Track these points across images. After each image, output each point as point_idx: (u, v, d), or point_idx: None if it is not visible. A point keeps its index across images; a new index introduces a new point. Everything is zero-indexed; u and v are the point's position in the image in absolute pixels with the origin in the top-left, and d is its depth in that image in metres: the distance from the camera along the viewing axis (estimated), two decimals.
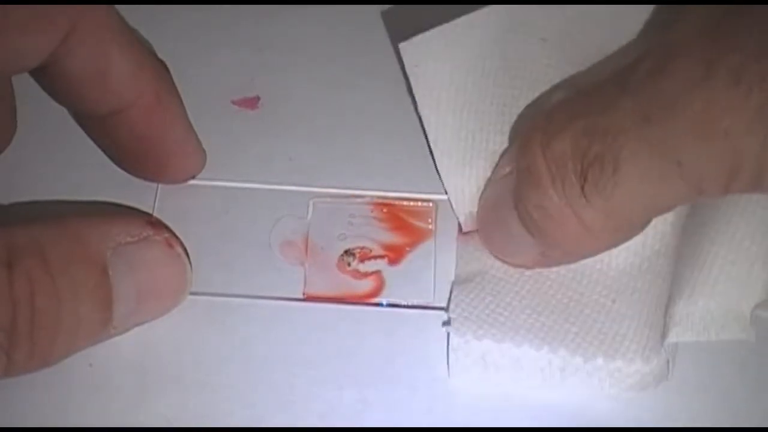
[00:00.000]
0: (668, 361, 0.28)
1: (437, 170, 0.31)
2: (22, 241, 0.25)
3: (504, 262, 0.30)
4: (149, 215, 0.31)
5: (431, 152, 0.31)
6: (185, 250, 0.29)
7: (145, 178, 0.31)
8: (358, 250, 0.30)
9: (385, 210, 0.31)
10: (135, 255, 0.27)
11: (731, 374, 0.29)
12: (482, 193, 0.30)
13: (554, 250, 0.27)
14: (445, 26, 0.31)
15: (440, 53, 0.31)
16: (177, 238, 0.29)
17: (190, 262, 0.29)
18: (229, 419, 0.28)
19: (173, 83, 0.30)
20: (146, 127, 0.29)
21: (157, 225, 0.28)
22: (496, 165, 0.30)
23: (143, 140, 0.29)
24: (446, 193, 0.31)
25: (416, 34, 0.31)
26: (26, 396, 0.28)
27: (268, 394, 0.29)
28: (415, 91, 0.31)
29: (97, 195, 0.31)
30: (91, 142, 0.32)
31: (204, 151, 0.31)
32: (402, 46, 0.31)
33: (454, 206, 0.31)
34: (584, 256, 0.28)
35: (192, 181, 0.31)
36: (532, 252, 0.28)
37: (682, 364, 0.29)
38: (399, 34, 0.34)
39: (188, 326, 0.29)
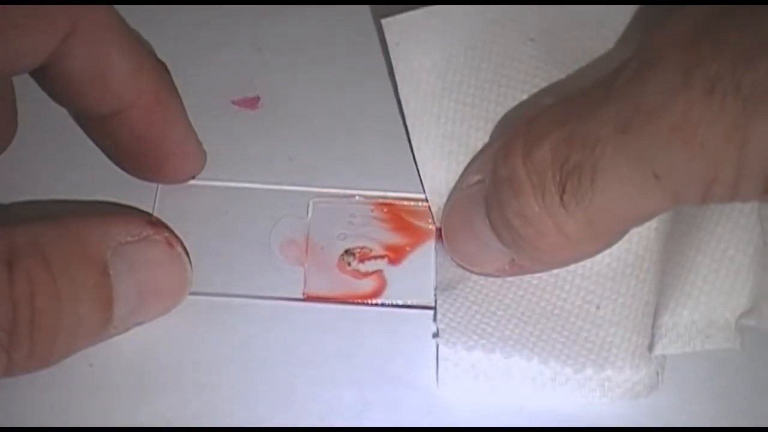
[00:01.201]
0: (658, 372, 0.28)
1: (413, 154, 0.31)
2: (23, 241, 0.25)
3: (469, 270, 0.29)
4: (149, 215, 0.31)
5: (407, 134, 0.31)
6: (185, 249, 0.29)
7: (145, 179, 0.31)
8: (358, 250, 0.30)
9: (385, 210, 0.31)
10: (135, 255, 0.27)
11: (730, 375, 0.29)
12: (448, 200, 0.30)
13: (527, 259, 0.27)
14: (432, 8, 0.31)
15: (424, 34, 0.31)
16: (177, 237, 0.29)
17: (190, 262, 0.29)
18: (229, 419, 0.28)
19: (173, 83, 0.30)
20: (146, 128, 0.29)
21: (158, 224, 0.28)
22: (463, 173, 0.30)
23: (143, 140, 0.29)
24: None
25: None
26: (26, 396, 0.28)
27: (268, 394, 0.29)
28: (395, 69, 0.31)
29: (97, 195, 0.31)
30: (91, 142, 0.32)
31: (204, 151, 0.31)
32: (384, 22, 0.30)
33: (427, 195, 0.31)
34: (560, 265, 0.28)
35: (192, 181, 0.31)
36: (500, 261, 0.28)
37: (681, 365, 0.29)
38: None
39: (188, 326, 0.29)
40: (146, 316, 0.28)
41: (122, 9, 0.28)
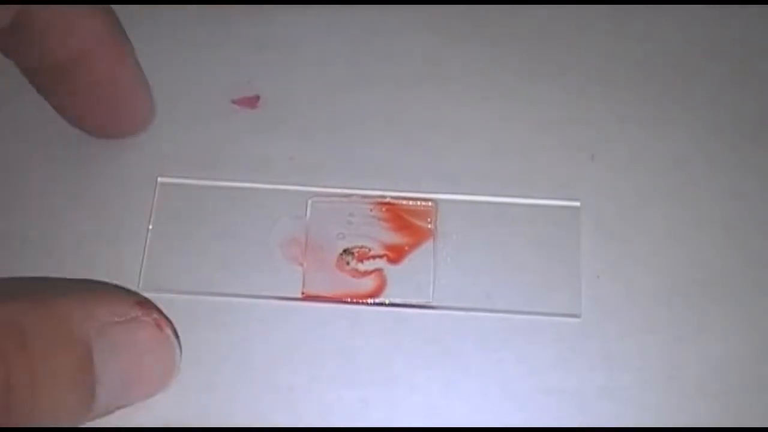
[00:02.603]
0: None
1: None
2: (0, 320, 0.23)
3: None
4: (137, 294, 0.29)
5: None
6: (175, 331, 0.27)
7: (99, 132, 0.31)
8: (357, 250, 0.31)
9: (384, 209, 0.31)
10: (121, 337, 0.25)
11: (730, 375, 0.29)
12: None
13: None
14: None
15: None
16: (167, 319, 0.27)
17: (179, 344, 0.28)
18: (229, 419, 0.28)
19: (121, 26, 0.29)
20: (103, 70, 0.29)
21: (146, 305, 0.27)
22: None
23: (100, 84, 0.29)
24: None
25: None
26: None
27: (268, 394, 0.29)
28: None
29: (94, 197, 0.31)
30: (89, 147, 0.31)
31: (153, 99, 0.31)
32: None
33: None
34: None
35: (191, 181, 0.31)
36: None
37: (681, 365, 0.29)
38: (399, 34, 0.34)
39: (188, 326, 0.29)
40: (131, 400, 0.27)
41: (123, 9, 0.29)
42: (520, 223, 0.31)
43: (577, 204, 0.31)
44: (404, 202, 0.31)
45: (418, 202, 0.31)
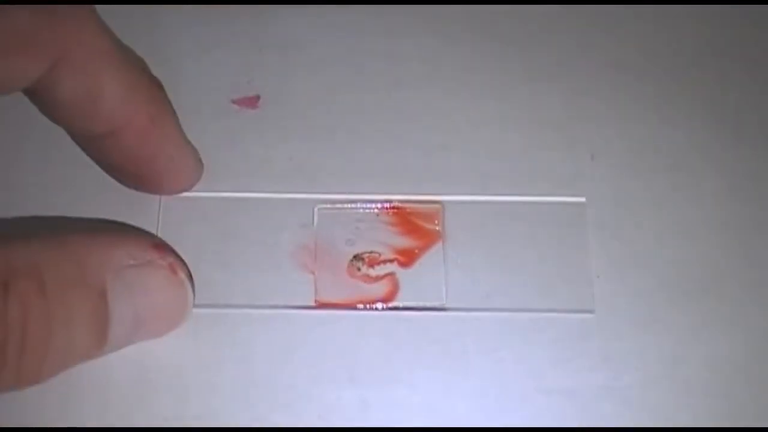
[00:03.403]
0: None
1: None
2: (21, 263, 0.24)
3: None
4: (154, 237, 0.30)
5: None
6: (189, 274, 0.28)
7: (143, 191, 0.31)
8: (367, 255, 0.30)
9: (392, 213, 0.31)
10: (136, 279, 0.26)
11: (730, 375, 0.29)
12: None
13: None
14: None
15: None
16: (182, 261, 0.28)
17: (193, 287, 0.28)
18: (229, 419, 0.28)
19: (167, 101, 0.29)
20: (139, 148, 0.28)
21: (162, 248, 0.28)
22: None
23: (137, 159, 0.29)
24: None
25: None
26: (26, 396, 0.28)
27: (268, 394, 0.29)
28: None
29: (100, 205, 0.31)
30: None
31: (201, 161, 0.31)
32: None
33: None
34: None
35: (197, 193, 0.31)
36: None
37: (681, 364, 0.29)
38: (399, 34, 0.34)
39: (189, 327, 0.29)
40: (142, 338, 0.27)
41: (123, 9, 0.28)
42: (525, 220, 0.31)
43: (583, 200, 0.31)
44: (411, 205, 0.31)
45: (425, 205, 0.31)
